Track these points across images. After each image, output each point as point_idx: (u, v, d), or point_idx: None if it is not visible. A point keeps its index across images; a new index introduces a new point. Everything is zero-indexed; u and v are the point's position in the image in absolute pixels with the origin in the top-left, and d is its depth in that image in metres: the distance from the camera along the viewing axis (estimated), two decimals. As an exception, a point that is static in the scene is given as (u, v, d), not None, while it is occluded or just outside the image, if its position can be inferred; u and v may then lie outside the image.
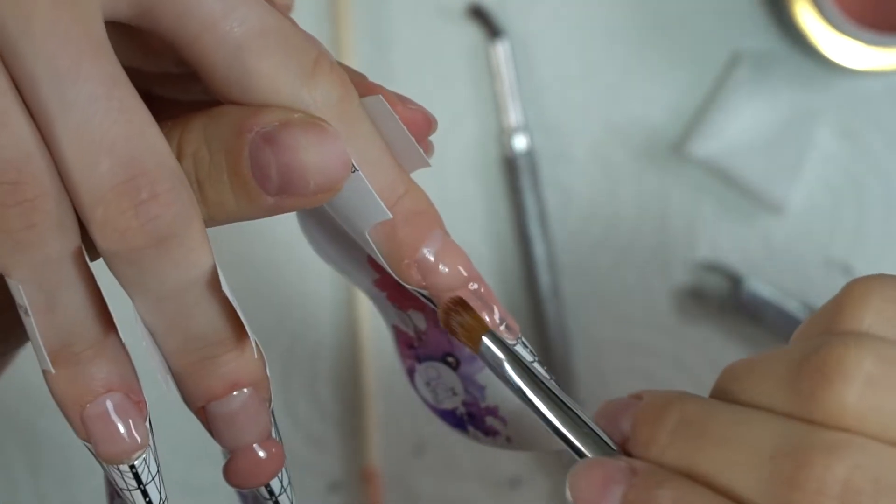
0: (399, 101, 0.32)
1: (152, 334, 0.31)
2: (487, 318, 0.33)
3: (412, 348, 0.35)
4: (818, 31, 0.58)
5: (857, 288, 0.32)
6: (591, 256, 0.61)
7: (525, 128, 0.60)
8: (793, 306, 0.61)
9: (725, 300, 0.61)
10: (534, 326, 0.61)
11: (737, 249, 0.61)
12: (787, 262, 0.62)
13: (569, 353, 0.61)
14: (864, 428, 0.29)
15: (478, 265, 0.61)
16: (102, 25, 0.29)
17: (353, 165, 0.31)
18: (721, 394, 0.32)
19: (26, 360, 0.32)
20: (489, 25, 0.61)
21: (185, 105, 0.33)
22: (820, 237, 0.62)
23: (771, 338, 0.61)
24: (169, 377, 0.32)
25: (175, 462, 0.60)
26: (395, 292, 0.35)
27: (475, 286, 0.33)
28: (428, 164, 0.33)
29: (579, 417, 0.32)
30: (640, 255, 0.61)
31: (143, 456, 0.31)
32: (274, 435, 0.34)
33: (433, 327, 0.35)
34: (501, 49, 0.60)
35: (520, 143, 0.60)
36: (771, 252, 0.61)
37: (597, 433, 0.32)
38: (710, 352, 0.61)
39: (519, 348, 0.33)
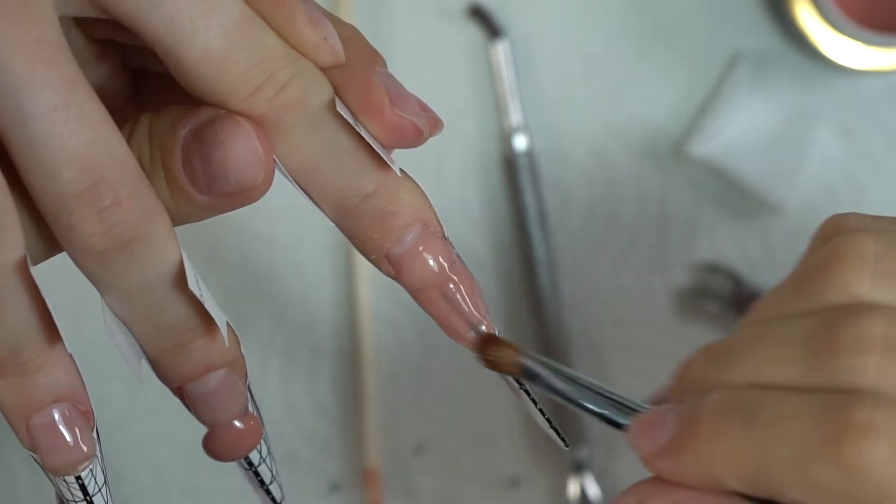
0: (390, 104, 0.31)
1: (124, 323, 0.31)
2: (456, 321, 0.33)
3: None
4: (818, 31, 0.58)
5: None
6: (591, 256, 0.61)
7: (525, 128, 0.60)
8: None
9: (725, 300, 0.61)
10: (534, 326, 0.61)
11: (737, 249, 0.61)
12: (787, 262, 0.61)
13: (569, 353, 0.61)
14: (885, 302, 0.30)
15: (478, 265, 0.62)
16: (57, 26, 0.29)
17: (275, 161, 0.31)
18: (697, 385, 0.33)
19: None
20: (489, 25, 0.61)
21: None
22: (820, 237, 0.62)
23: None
24: (143, 361, 0.32)
25: (175, 464, 0.60)
26: None
27: (450, 285, 0.33)
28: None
29: (630, 404, 0.33)
30: (640, 255, 0.61)
31: (90, 467, 0.32)
32: (251, 409, 0.34)
33: None
34: (501, 49, 0.60)
35: (520, 143, 0.60)
36: (771, 252, 0.61)
37: (630, 403, 0.34)
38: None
39: None
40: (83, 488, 0.32)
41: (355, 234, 0.32)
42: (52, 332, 0.30)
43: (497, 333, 0.33)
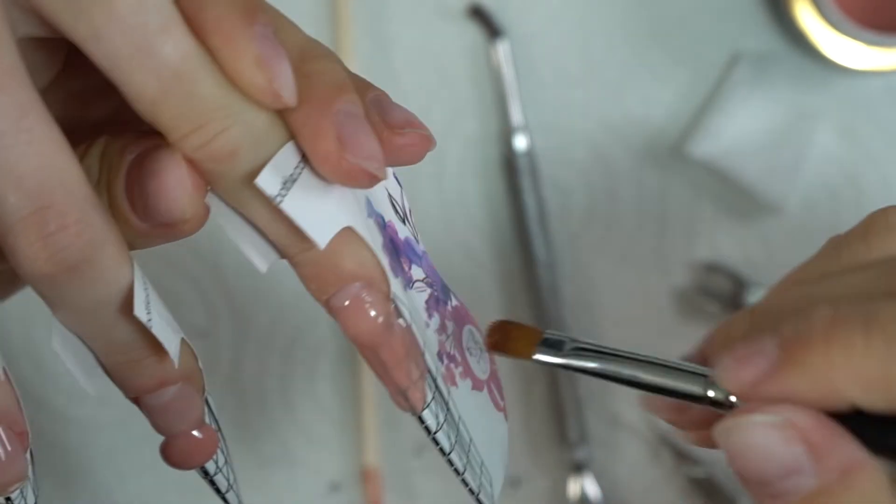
0: (339, 151, 0.30)
1: (77, 336, 0.31)
2: (388, 382, 0.32)
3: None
4: (818, 31, 0.58)
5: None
6: (591, 256, 0.61)
7: (525, 128, 0.60)
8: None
9: (725, 300, 0.60)
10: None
11: (737, 249, 0.61)
12: (787, 262, 0.62)
13: (569, 353, 0.61)
14: None
15: (478, 265, 0.62)
16: (12, 48, 0.29)
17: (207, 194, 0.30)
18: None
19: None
20: (489, 25, 0.61)
21: None
22: (820, 237, 0.61)
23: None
24: (95, 376, 0.32)
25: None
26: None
27: (382, 349, 0.32)
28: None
29: (662, 364, 0.33)
30: (640, 255, 0.61)
31: (21, 488, 0.31)
32: (208, 421, 0.34)
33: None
34: (501, 49, 0.60)
35: (520, 143, 0.60)
36: (771, 252, 0.61)
37: (685, 366, 0.32)
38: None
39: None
40: None
41: (300, 277, 0.32)
42: None
43: (426, 402, 0.33)
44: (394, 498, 0.61)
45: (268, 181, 0.29)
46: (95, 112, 0.34)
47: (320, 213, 0.30)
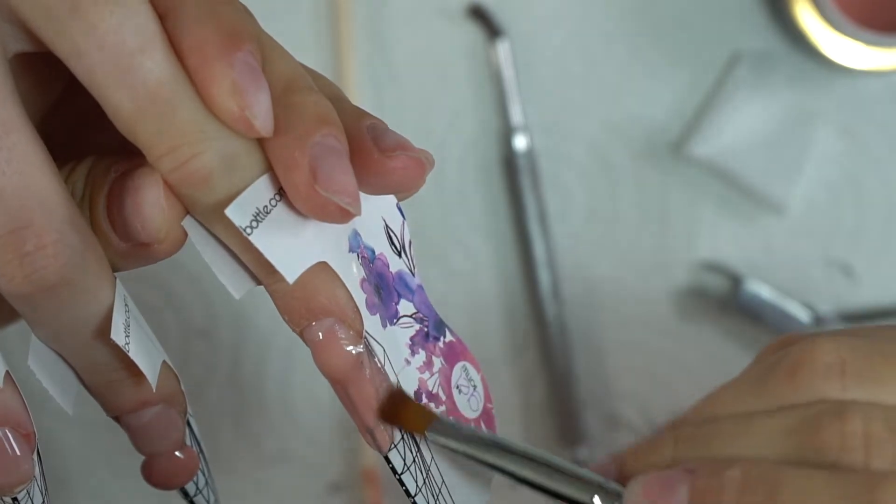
0: (310, 184, 0.29)
1: (58, 354, 0.31)
2: (355, 419, 0.32)
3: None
4: (818, 31, 0.58)
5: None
6: (591, 256, 0.61)
7: (525, 128, 0.60)
8: (793, 306, 0.61)
9: (725, 300, 0.60)
10: (534, 326, 0.61)
11: (737, 249, 0.61)
12: (787, 262, 0.62)
13: (569, 353, 0.61)
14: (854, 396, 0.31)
15: (478, 265, 0.61)
16: (1, 65, 0.29)
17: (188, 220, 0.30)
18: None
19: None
20: (489, 25, 0.61)
21: None
22: (820, 237, 0.62)
23: (771, 338, 0.61)
24: (74, 394, 0.32)
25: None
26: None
27: (349, 387, 0.32)
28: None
29: (560, 466, 0.32)
30: (640, 255, 0.61)
31: (27, 489, 0.31)
32: (189, 443, 0.34)
33: None
34: (501, 49, 0.60)
35: (520, 143, 0.60)
36: (771, 252, 0.61)
37: (583, 474, 0.31)
38: (710, 352, 0.61)
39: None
40: None
41: (275, 305, 0.32)
42: None
43: (394, 443, 0.33)
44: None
45: (238, 212, 0.29)
46: (104, 133, 0.34)
47: (292, 246, 0.30)
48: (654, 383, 0.61)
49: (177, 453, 0.34)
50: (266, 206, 0.29)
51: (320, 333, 0.31)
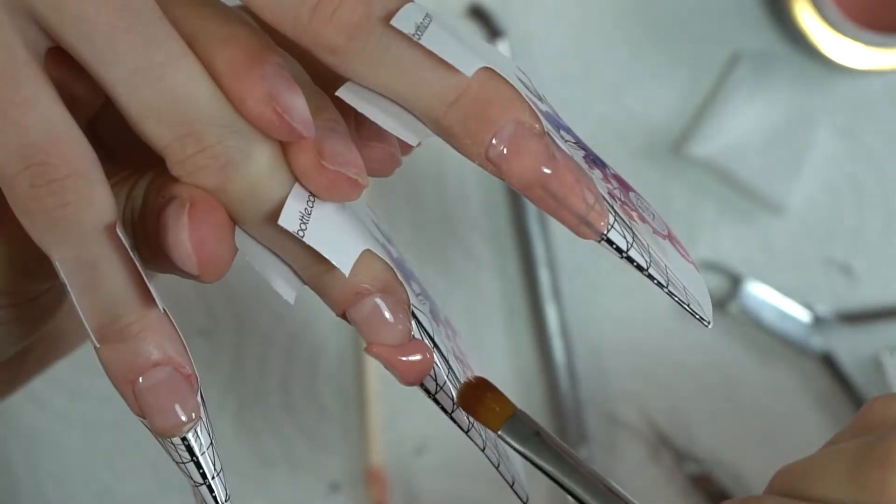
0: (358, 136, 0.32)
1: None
2: (566, 216, 0.32)
3: None
4: (818, 31, 0.58)
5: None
6: (591, 256, 0.61)
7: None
8: (793, 306, 0.61)
9: (725, 300, 0.61)
10: (534, 326, 0.61)
11: (737, 249, 0.61)
12: (787, 262, 0.62)
13: (569, 353, 0.61)
14: None
15: (478, 265, 0.62)
16: (21, 47, 0.30)
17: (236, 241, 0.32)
18: (781, 494, 0.33)
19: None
20: (489, 25, 0.61)
21: None
22: (820, 237, 0.62)
23: (771, 338, 0.61)
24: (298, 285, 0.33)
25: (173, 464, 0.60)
26: None
27: (551, 181, 0.32)
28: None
29: (611, 491, 0.32)
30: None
31: (196, 428, 0.32)
32: (420, 337, 0.34)
33: None
34: (501, 49, 0.60)
35: (520, 143, 0.60)
36: (771, 252, 0.61)
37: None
38: (710, 352, 0.61)
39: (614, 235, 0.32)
40: (189, 449, 0.33)
41: (452, 144, 0.33)
42: (146, 296, 0.31)
43: (609, 224, 0.32)
44: (394, 497, 0.61)
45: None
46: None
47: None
48: (654, 383, 0.61)
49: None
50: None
51: (503, 146, 0.31)
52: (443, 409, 0.34)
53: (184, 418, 0.32)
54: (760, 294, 0.60)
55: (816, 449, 0.34)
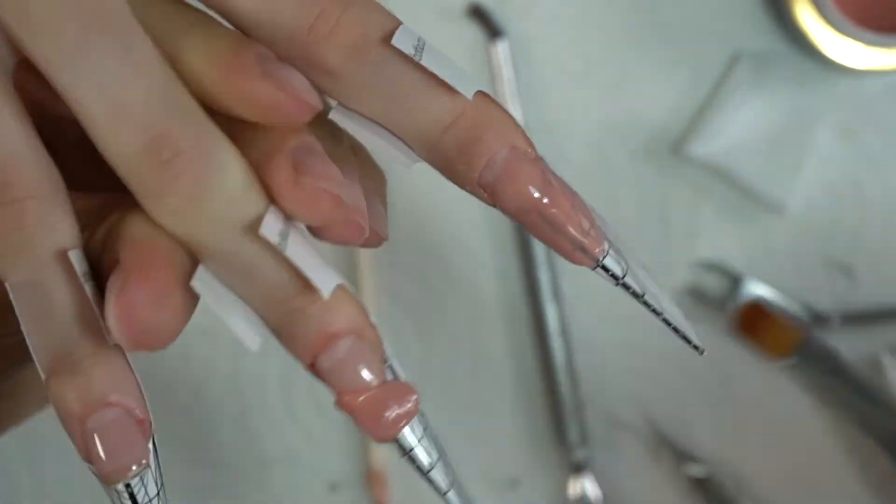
0: (299, 177, 0.29)
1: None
2: (561, 242, 0.32)
3: None
4: (818, 31, 0.58)
5: None
6: (591, 256, 0.61)
7: (525, 128, 0.60)
8: (793, 306, 0.61)
9: (725, 300, 0.61)
10: (534, 326, 0.61)
11: (737, 249, 0.61)
12: (787, 262, 0.62)
13: (569, 353, 0.61)
14: None
15: (478, 265, 0.62)
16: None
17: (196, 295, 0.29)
18: None
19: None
20: (489, 25, 0.61)
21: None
22: (820, 237, 0.62)
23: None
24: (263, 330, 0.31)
25: (175, 464, 0.60)
26: None
27: (547, 208, 0.31)
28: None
29: None
30: (640, 255, 0.61)
31: (142, 476, 0.30)
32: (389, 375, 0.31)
33: None
34: (501, 49, 0.60)
35: (520, 143, 0.60)
36: (771, 252, 0.61)
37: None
38: (710, 352, 0.61)
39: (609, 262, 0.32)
40: (132, 497, 0.30)
41: (443, 168, 0.32)
42: (98, 331, 0.29)
43: (605, 249, 0.32)
44: (395, 498, 0.61)
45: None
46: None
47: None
48: (654, 383, 0.61)
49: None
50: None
51: (499, 173, 0.31)
52: (418, 468, 0.33)
53: (131, 464, 0.30)
54: (760, 294, 0.60)
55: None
